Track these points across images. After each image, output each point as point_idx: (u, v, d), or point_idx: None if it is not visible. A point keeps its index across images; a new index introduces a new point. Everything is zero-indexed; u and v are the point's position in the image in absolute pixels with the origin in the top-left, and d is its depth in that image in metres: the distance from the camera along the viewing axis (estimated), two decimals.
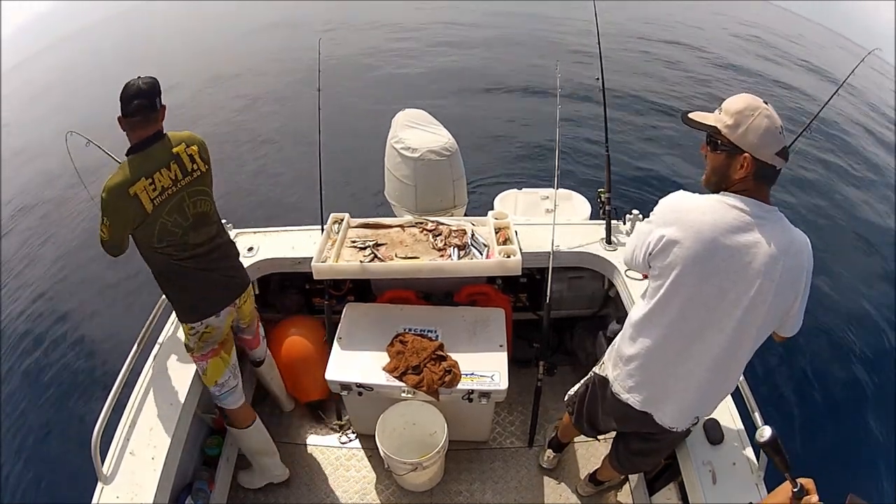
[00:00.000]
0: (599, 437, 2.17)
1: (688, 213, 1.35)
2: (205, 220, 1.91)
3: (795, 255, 1.32)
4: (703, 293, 1.36)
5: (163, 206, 1.77)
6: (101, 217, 1.74)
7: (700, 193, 1.41)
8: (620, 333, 1.64)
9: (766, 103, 1.30)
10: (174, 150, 1.80)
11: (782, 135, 1.29)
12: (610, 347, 1.74)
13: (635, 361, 1.55)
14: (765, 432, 1.13)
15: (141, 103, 1.72)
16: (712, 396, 1.57)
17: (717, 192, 1.39)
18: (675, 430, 1.62)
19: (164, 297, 2.15)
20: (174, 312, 2.08)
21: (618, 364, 1.63)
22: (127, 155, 1.76)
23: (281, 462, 2.41)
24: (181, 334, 2.14)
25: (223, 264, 2.01)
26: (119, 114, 1.74)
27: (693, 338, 1.42)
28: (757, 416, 1.81)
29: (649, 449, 1.84)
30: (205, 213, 1.91)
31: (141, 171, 1.72)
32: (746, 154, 1.30)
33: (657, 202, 1.43)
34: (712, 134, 1.35)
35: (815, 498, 1.09)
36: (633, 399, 1.59)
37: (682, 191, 1.44)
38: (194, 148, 1.86)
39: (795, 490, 1.10)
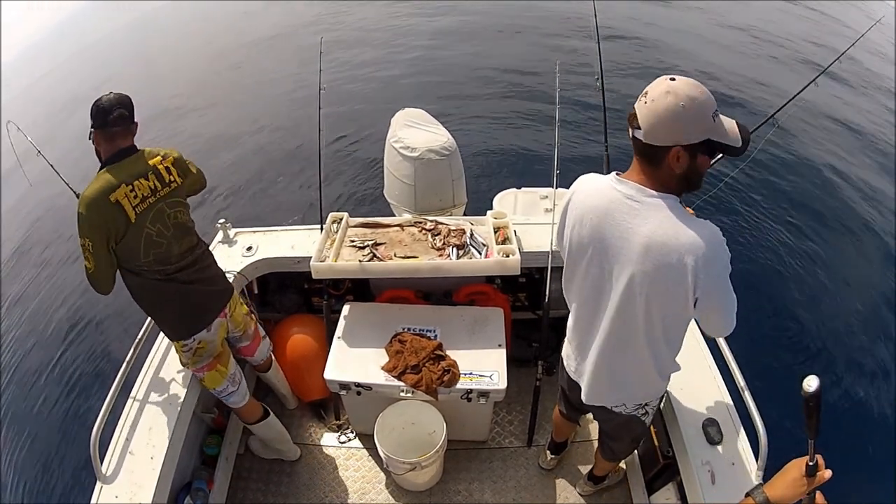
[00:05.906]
0: (578, 420, 2.20)
1: (576, 195, 1.41)
2: (184, 229, 1.92)
3: (675, 250, 1.18)
4: (591, 274, 1.40)
5: (145, 215, 1.76)
6: (82, 242, 1.69)
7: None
8: None
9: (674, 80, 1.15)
10: (150, 162, 1.82)
11: (643, 101, 1.17)
12: None
13: (567, 334, 1.71)
14: (812, 381, 0.97)
15: (121, 113, 1.74)
16: (621, 380, 1.55)
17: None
18: (598, 407, 1.68)
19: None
20: (162, 333, 2.07)
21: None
22: (102, 167, 1.75)
23: (294, 445, 2.52)
24: None
25: (207, 274, 2.00)
26: (92, 128, 1.73)
27: (593, 315, 1.48)
28: (756, 416, 1.81)
29: (609, 431, 1.92)
30: (183, 223, 1.92)
31: (120, 178, 1.71)
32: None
33: None
34: None
35: (828, 473, 1.06)
36: (570, 370, 1.74)
37: (591, 173, 1.44)
38: (170, 160, 1.88)
39: (811, 464, 1.06)
